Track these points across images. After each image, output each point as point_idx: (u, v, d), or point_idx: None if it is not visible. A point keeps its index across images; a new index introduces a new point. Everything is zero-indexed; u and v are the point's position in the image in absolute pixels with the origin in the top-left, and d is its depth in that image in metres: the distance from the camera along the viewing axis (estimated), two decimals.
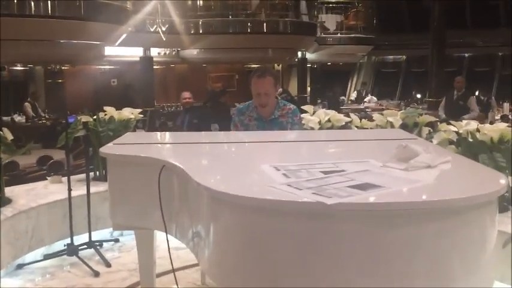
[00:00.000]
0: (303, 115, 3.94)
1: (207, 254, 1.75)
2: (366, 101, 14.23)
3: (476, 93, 12.21)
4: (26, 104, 11.96)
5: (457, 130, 3.31)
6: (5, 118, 11.52)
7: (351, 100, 15.87)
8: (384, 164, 1.88)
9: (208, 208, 1.70)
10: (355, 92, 14.95)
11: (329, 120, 3.78)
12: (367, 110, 12.12)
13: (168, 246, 2.16)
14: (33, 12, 7.81)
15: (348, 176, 1.73)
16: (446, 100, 8.61)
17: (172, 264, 2.29)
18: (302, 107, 4.12)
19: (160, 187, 2.11)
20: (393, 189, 1.57)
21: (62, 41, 8.70)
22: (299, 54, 15.48)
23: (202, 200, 1.74)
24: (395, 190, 1.58)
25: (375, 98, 14.59)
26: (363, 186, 1.58)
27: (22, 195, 3.78)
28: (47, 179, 4.32)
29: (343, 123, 3.80)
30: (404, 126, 3.70)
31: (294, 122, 3.39)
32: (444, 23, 10.55)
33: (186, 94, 7.16)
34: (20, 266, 3.56)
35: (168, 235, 2.18)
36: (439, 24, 10.46)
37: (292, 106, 3.45)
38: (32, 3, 7.78)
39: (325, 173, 1.78)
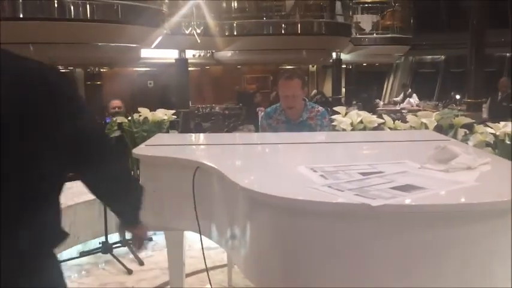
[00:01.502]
0: (335, 116, 3.91)
1: (245, 254, 1.76)
2: (410, 100, 13.77)
3: None
4: None
5: (494, 132, 3.22)
6: None
7: (390, 101, 15.54)
8: (422, 166, 1.85)
9: (245, 209, 1.71)
10: (402, 93, 14.53)
11: (361, 122, 3.73)
12: (402, 111, 11.89)
13: (202, 247, 2.19)
14: (72, 16, 8.03)
15: (387, 177, 1.71)
16: (490, 101, 8.39)
17: (206, 265, 2.33)
18: (334, 108, 4.09)
19: (189, 187, 2.13)
20: (437, 191, 1.55)
21: (100, 44, 8.90)
22: (334, 55, 15.34)
23: (239, 201, 1.75)
24: (440, 192, 1.56)
25: (417, 99, 14.11)
26: (405, 188, 1.57)
27: None
28: None
29: (376, 125, 3.75)
30: (439, 128, 3.62)
31: (323, 124, 3.36)
32: (484, 21, 10.24)
33: (116, 102, 5.81)
34: None
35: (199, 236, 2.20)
36: (479, 23, 10.15)
37: (320, 108, 3.43)
38: (72, 7, 8.00)
39: (363, 174, 1.76)
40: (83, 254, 3.78)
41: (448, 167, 1.78)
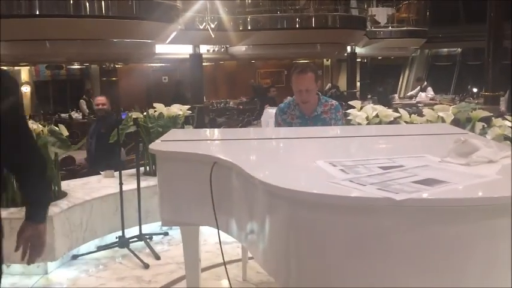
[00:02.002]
0: (350, 110, 3.88)
1: (264, 248, 1.75)
2: (422, 94, 13.56)
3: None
4: (81, 101, 12.44)
5: None
6: (63, 115, 12.04)
7: (405, 95, 15.38)
8: (442, 159, 1.82)
9: (265, 203, 1.70)
10: (418, 87, 14.34)
11: (377, 116, 3.70)
12: (419, 105, 11.78)
13: (220, 242, 2.20)
14: (88, 13, 8.09)
15: (408, 171, 1.69)
16: (510, 94, 8.28)
17: (224, 259, 2.35)
18: (350, 102, 4.07)
19: (206, 182, 2.13)
20: (460, 185, 1.53)
21: (115, 40, 8.96)
22: (348, 48, 15.24)
23: (258, 196, 1.74)
24: (463, 186, 1.53)
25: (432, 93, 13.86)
26: (428, 182, 1.55)
27: (77, 189, 3.95)
28: (100, 174, 4.48)
29: (392, 119, 3.72)
30: (456, 122, 3.58)
31: (337, 118, 3.35)
32: (501, 13, 10.06)
33: (100, 99, 5.63)
34: (75, 257, 3.72)
35: (214, 231, 2.21)
36: (496, 14, 9.98)
37: (334, 102, 3.41)
38: (87, 4, 8.06)
39: (383, 168, 1.74)
40: (100, 248, 3.82)
41: (469, 160, 1.75)
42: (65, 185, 3.95)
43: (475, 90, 14.63)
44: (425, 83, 14.42)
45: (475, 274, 1.46)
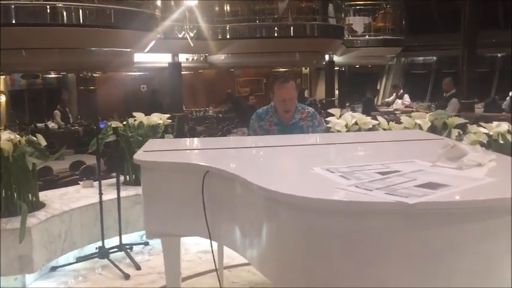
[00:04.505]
0: (329, 118, 3.92)
1: (263, 254, 1.75)
2: (398, 101, 13.71)
3: (510, 93, 11.96)
4: (56, 111, 12.21)
5: (487, 132, 3.25)
6: (39, 124, 11.85)
7: (382, 102, 15.58)
8: (433, 164, 1.86)
9: (268, 212, 1.69)
10: (394, 95, 14.48)
11: (356, 123, 3.75)
12: (396, 112, 11.94)
13: (212, 252, 2.23)
14: (65, 22, 8.02)
15: (406, 176, 1.70)
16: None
17: (216, 266, 2.42)
18: (329, 110, 4.11)
19: (196, 192, 2.10)
20: (463, 188, 1.56)
21: (93, 49, 8.90)
22: (326, 57, 15.40)
23: (258, 204, 1.73)
24: (468, 188, 1.56)
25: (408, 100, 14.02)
26: (431, 186, 1.56)
27: (55, 199, 3.88)
28: (79, 184, 4.42)
29: (370, 126, 3.76)
30: (433, 128, 3.64)
31: (315, 124, 3.40)
32: (475, 22, 10.32)
33: None
34: (54, 269, 3.66)
35: (202, 238, 2.21)
36: (471, 23, 10.23)
37: (310, 109, 3.48)
38: (64, 13, 7.99)
39: (381, 173, 1.74)
40: (79, 259, 3.76)
41: (460, 164, 1.80)
42: (43, 195, 3.89)
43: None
44: (401, 90, 14.62)
45: (480, 273, 1.48)
